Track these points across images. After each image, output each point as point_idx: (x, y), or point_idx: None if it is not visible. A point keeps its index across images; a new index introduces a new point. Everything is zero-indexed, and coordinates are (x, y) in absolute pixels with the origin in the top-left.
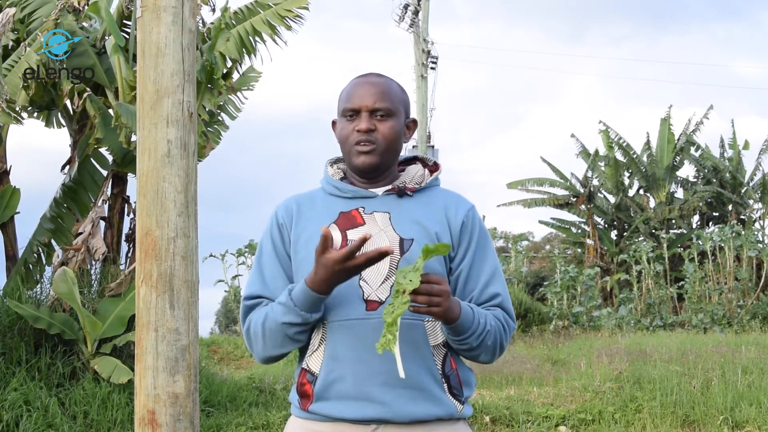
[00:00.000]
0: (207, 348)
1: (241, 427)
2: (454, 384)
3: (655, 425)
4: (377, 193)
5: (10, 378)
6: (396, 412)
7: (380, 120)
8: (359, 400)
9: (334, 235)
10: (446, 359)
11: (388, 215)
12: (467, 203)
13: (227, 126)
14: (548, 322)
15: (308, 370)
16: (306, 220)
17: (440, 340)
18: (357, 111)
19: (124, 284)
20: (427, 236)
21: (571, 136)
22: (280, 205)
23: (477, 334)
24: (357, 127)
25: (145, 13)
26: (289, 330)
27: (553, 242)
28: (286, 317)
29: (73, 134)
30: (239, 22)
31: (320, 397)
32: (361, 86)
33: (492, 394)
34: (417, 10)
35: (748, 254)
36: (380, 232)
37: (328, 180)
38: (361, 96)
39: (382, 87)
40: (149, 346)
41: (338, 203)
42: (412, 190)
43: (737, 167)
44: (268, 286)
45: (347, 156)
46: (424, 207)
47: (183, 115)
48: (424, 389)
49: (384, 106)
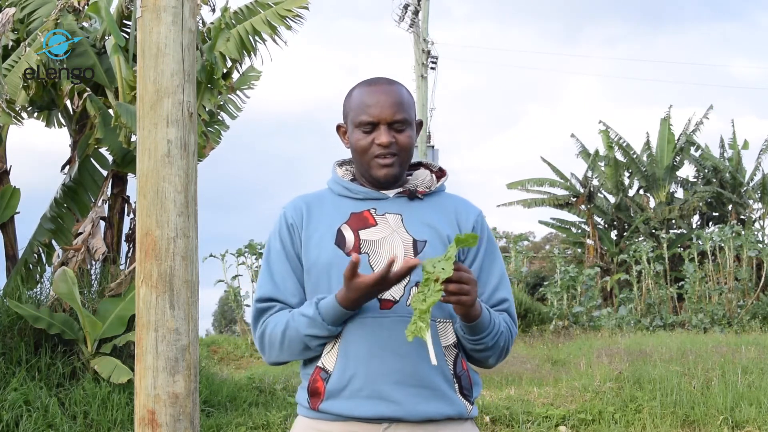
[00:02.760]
0: (207, 348)
1: (241, 427)
2: (465, 384)
3: (655, 425)
4: (388, 195)
5: (10, 378)
6: (408, 410)
7: (398, 132)
8: (372, 398)
9: (346, 235)
10: (457, 360)
11: (401, 217)
12: (476, 209)
13: (227, 126)
14: (548, 322)
15: (323, 368)
16: (317, 220)
17: (451, 340)
18: (375, 124)
19: (124, 284)
20: (439, 238)
21: (571, 136)
22: (288, 204)
23: (492, 333)
24: (377, 140)
25: (145, 13)
26: (312, 342)
27: (553, 242)
28: (312, 330)
29: (73, 134)
30: (239, 22)
31: (332, 395)
32: (375, 95)
33: (492, 394)
34: (417, 10)
35: (748, 254)
36: (393, 233)
37: (338, 181)
38: (379, 107)
39: (397, 96)
40: (149, 346)
41: (349, 204)
42: (422, 194)
43: (737, 167)
44: (278, 287)
45: (365, 167)
46: (435, 210)
47: (183, 115)
48: (436, 389)
49: (402, 118)
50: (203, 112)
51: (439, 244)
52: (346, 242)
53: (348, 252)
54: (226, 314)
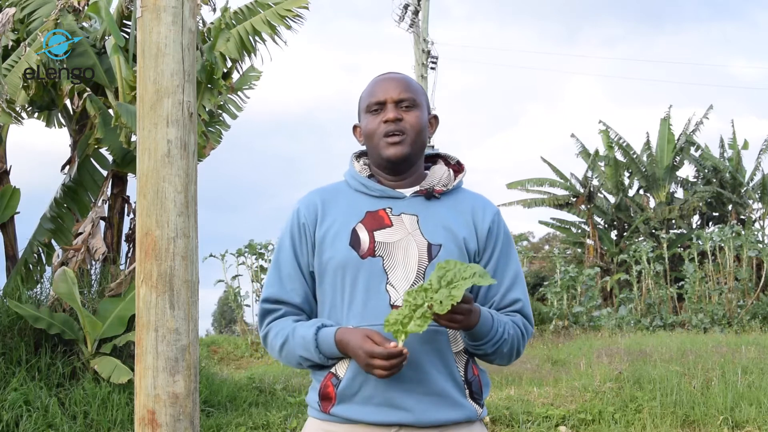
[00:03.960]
0: (207, 348)
1: (241, 427)
2: (476, 389)
3: (655, 425)
4: (405, 194)
5: (10, 378)
6: (419, 417)
7: (406, 110)
8: (382, 405)
9: (361, 236)
10: (468, 365)
11: (416, 218)
12: (493, 207)
13: (228, 126)
14: (548, 322)
15: (335, 374)
16: (331, 218)
17: (461, 346)
18: (382, 103)
19: (124, 284)
20: (454, 242)
21: (571, 136)
22: (302, 200)
23: (493, 342)
24: (384, 117)
25: (145, 13)
26: (304, 363)
27: (553, 242)
28: (305, 353)
29: (73, 134)
30: (239, 22)
31: (343, 400)
32: (383, 82)
33: (492, 394)
34: (417, 10)
35: (748, 254)
36: (408, 235)
37: (355, 176)
38: (385, 89)
39: (404, 80)
40: (149, 346)
41: (365, 201)
42: (439, 193)
43: (737, 167)
44: (285, 287)
45: (375, 150)
46: (451, 211)
47: (183, 115)
48: (447, 396)
49: (408, 96)
50: (203, 112)
51: (454, 248)
52: (360, 243)
53: (362, 254)
54: (226, 314)
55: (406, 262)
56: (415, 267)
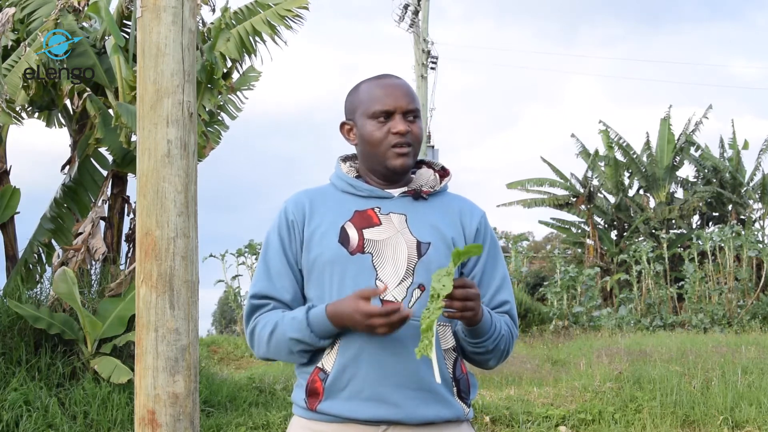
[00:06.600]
0: (207, 348)
1: (241, 427)
2: (464, 388)
3: (655, 425)
4: (393, 194)
5: (10, 378)
6: (408, 413)
7: (412, 122)
8: (371, 400)
9: (350, 233)
10: (457, 363)
11: (405, 217)
12: (480, 210)
13: (227, 126)
14: (548, 322)
15: (322, 368)
16: (319, 217)
17: (450, 344)
18: (390, 113)
19: (124, 284)
20: (443, 240)
21: (571, 136)
22: (289, 200)
23: (494, 337)
24: (394, 129)
25: (145, 13)
26: (295, 347)
27: (553, 242)
28: (296, 334)
29: (73, 134)
30: (239, 22)
31: (331, 395)
32: (390, 88)
33: (492, 394)
34: (417, 10)
35: (748, 254)
36: (397, 233)
37: (342, 177)
38: (394, 97)
39: (409, 89)
40: (149, 346)
41: (352, 201)
42: (427, 194)
43: (737, 167)
44: (274, 284)
45: (378, 158)
46: (439, 211)
47: (183, 115)
48: (435, 392)
49: (415, 108)
50: (203, 112)
51: (442, 247)
52: (350, 241)
53: (352, 251)
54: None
55: (395, 258)
56: (404, 264)
